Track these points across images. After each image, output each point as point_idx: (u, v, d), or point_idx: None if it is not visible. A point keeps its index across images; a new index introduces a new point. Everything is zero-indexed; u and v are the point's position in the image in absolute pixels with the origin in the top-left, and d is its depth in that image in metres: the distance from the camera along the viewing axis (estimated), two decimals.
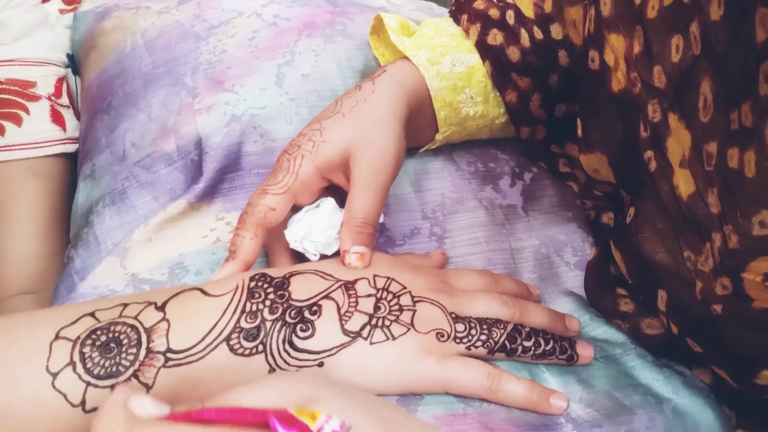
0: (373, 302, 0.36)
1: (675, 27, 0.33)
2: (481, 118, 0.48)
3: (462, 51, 0.47)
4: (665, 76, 0.34)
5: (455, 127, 0.48)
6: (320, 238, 0.39)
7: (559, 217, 0.51)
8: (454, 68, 0.46)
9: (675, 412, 0.38)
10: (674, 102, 0.34)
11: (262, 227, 0.39)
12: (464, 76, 0.47)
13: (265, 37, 0.52)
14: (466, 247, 0.48)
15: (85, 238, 0.46)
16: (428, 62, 0.46)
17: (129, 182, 0.47)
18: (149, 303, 0.33)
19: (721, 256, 0.32)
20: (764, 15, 0.27)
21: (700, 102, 0.31)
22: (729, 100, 0.29)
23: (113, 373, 0.31)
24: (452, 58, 0.47)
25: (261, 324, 0.34)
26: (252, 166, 0.47)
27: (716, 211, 0.31)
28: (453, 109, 0.47)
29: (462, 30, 0.49)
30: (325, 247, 0.40)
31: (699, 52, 0.31)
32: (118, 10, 0.57)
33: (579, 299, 0.47)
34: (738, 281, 0.31)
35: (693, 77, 0.32)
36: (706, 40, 0.30)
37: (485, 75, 0.47)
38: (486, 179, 0.51)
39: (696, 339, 0.38)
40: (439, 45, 0.47)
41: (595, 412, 0.37)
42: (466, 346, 0.37)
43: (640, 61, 0.36)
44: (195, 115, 0.47)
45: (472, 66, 0.47)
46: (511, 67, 0.47)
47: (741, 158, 0.28)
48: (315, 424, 0.23)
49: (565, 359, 0.40)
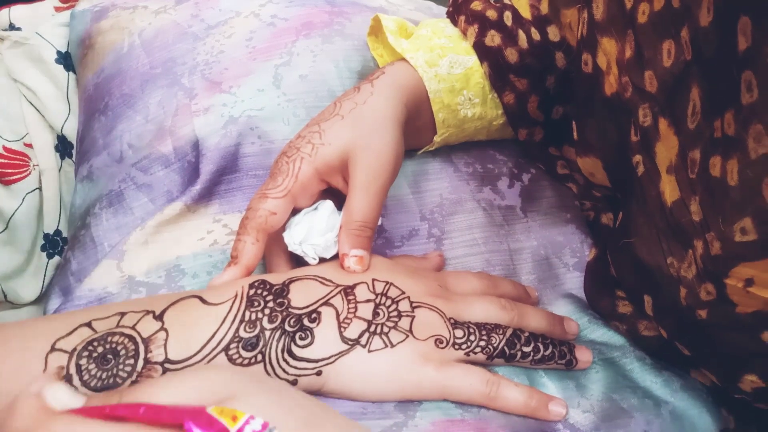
0: (371, 308, 0.36)
1: (666, 32, 0.33)
2: (479, 119, 0.48)
3: (459, 52, 0.47)
4: (657, 80, 0.34)
5: (453, 129, 0.48)
6: (319, 241, 0.39)
7: (557, 219, 0.51)
8: (452, 70, 0.46)
9: (672, 415, 0.38)
10: (665, 107, 0.34)
11: (263, 232, 0.38)
12: (462, 78, 0.46)
13: (262, 37, 0.51)
14: (464, 248, 0.48)
15: (82, 240, 0.45)
16: (426, 64, 0.46)
17: (126, 184, 0.46)
18: (147, 312, 0.33)
19: (703, 262, 0.32)
20: (745, 24, 0.26)
21: (689, 108, 0.31)
22: (713, 108, 0.29)
23: (110, 385, 0.30)
24: (450, 60, 0.46)
25: (260, 333, 0.34)
26: (249, 168, 0.46)
27: (698, 218, 0.32)
28: (451, 111, 0.47)
29: (459, 31, 0.49)
30: (324, 250, 0.40)
31: (690, 58, 0.31)
32: (116, 10, 0.56)
33: (577, 301, 0.47)
34: (721, 287, 0.31)
35: (684, 82, 0.32)
36: (695, 46, 0.30)
37: (483, 76, 0.47)
38: (484, 180, 0.51)
39: (684, 342, 0.38)
40: (437, 46, 0.47)
41: (593, 416, 0.37)
42: (465, 352, 0.37)
43: (632, 65, 0.36)
44: (192, 116, 0.47)
45: (470, 67, 0.47)
46: (509, 69, 0.47)
47: (723, 166, 0.28)
48: (235, 426, 0.21)
49: (564, 364, 0.40)
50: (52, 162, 0.58)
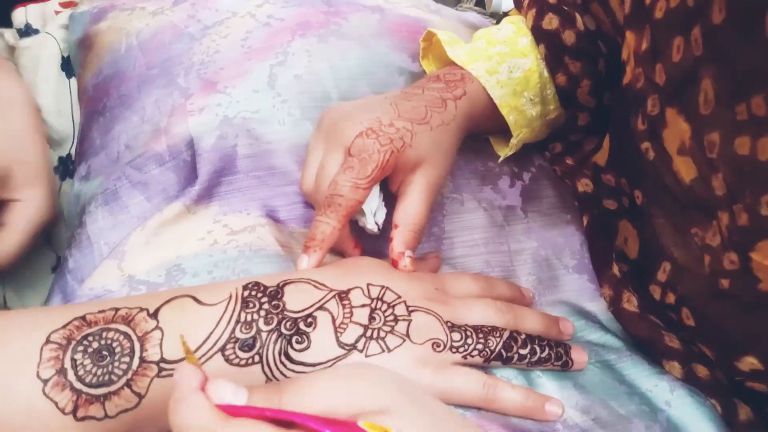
0: (367, 313, 0.36)
1: (678, 28, 0.34)
2: (540, 117, 0.50)
3: (516, 56, 0.49)
4: (665, 73, 0.36)
5: (526, 129, 0.50)
6: (375, 208, 0.42)
7: (558, 220, 0.50)
8: (511, 75, 0.48)
9: (669, 422, 0.38)
10: (672, 97, 0.36)
11: (348, 218, 0.40)
12: (522, 81, 0.48)
13: (258, 37, 0.51)
14: (464, 248, 0.48)
15: (78, 239, 0.46)
16: (487, 73, 0.48)
17: (121, 182, 0.46)
18: (141, 309, 0.33)
19: (729, 232, 0.33)
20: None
21: (701, 97, 0.33)
22: (734, 95, 0.31)
23: (105, 381, 0.31)
24: (509, 65, 0.48)
25: (257, 335, 0.34)
26: (249, 169, 0.46)
27: (721, 193, 0.33)
28: (519, 112, 0.49)
29: (515, 25, 0.51)
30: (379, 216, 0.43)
31: (700, 54, 0.32)
32: (114, 11, 0.56)
33: (575, 303, 0.47)
34: (746, 259, 0.33)
35: (694, 75, 0.33)
36: (709, 42, 0.32)
37: (539, 77, 0.49)
38: (485, 179, 0.51)
39: (692, 309, 0.40)
40: (495, 54, 0.49)
41: (590, 421, 0.37)
42: (463, 356, 0.37)
43: (646, 57, 0.37)
44: (187, 116, 0.47)
45: (528, 69, 0.49)
46: (565, 51, 0.48)
47: (753, 145, 0.30)
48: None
49: (560, 365, 0.40)
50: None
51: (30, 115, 0.53)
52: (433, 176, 0.42)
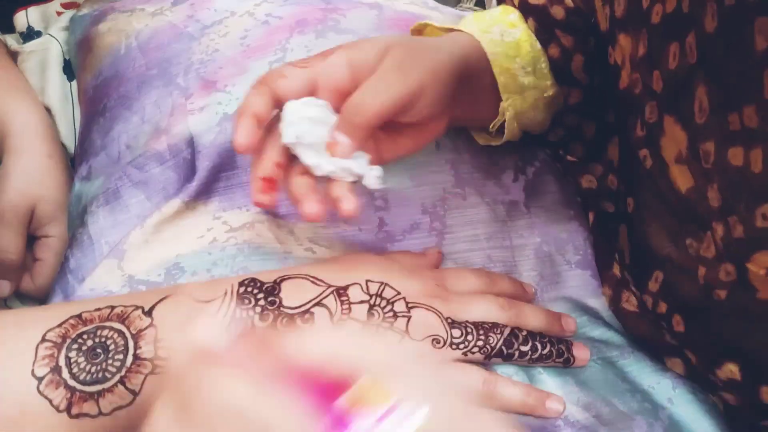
0: (366, 309, 0.36)
1: (673, 34, 0.34)
2: (534, 88, 0.47)
3: (507, 25, 0.47)
4: (662, 80, 0.35)
5: (516, 95, 0.46)
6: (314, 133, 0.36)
7: (561, 215, 0.50)
8: (503, 37, 0.46)
9: (671, 420, 0.38)
10: (670, 105, 0.35)
11: (266, 85, 0.36)
12: (514, 46, 0.46)
13: (256, 35, 0.51)
14: (466, 243, 0.47)
15: (80, 238, 0.46)
16: (480, 31, 0.45)
17: (122, 182, 0.47)
18: (136, 307, 0.33)
19: (724, 244, 0.33)
20: (763, 24, 0.27)
21: (695, 106, 0.32)
22: (726, 104, 0.30)
23: (99, 379, 0.31)
24: (500, 29, 0.46)
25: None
26: (248, 165, 0.46)
27: (716, 204, 0.32)
28: (511, 75, 0.45)
29: (502, 7, 0.49)
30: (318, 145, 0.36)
31: (695, 61, 0.32)
32: (114, 13, 0.56)
33: (577, 299, 0.46)
34: (743, 271, 0.32)
35: (689, 83, 0.33)
36: (701, 50, 0.31)
37: (531, 47, 0.46)
38: (489, 173, 0.50)
39: (684, 317, 0.39)
40: (486, 20, 0.47)
41: (592, 419, 0.37)
42: (463, 352, 0.37)
43: (643, 63, 0.37)
44: (187, 115, 0.47)
45: (519, 38, 0.46)
46: (555, 24, 0.47)
47: (746, 156, 0.30)
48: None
49: (561, 362, 0.40)
50: None
51: (50, 143, 0.55)
52: (400, 54, 0.37)
